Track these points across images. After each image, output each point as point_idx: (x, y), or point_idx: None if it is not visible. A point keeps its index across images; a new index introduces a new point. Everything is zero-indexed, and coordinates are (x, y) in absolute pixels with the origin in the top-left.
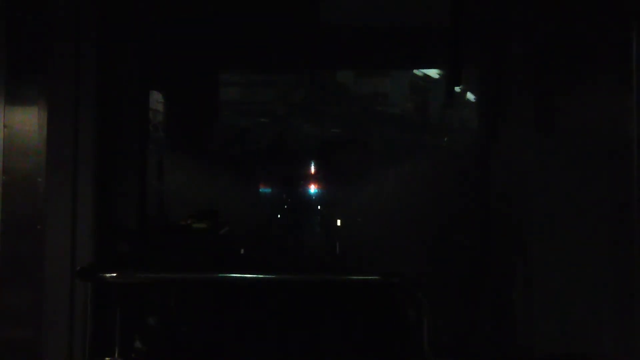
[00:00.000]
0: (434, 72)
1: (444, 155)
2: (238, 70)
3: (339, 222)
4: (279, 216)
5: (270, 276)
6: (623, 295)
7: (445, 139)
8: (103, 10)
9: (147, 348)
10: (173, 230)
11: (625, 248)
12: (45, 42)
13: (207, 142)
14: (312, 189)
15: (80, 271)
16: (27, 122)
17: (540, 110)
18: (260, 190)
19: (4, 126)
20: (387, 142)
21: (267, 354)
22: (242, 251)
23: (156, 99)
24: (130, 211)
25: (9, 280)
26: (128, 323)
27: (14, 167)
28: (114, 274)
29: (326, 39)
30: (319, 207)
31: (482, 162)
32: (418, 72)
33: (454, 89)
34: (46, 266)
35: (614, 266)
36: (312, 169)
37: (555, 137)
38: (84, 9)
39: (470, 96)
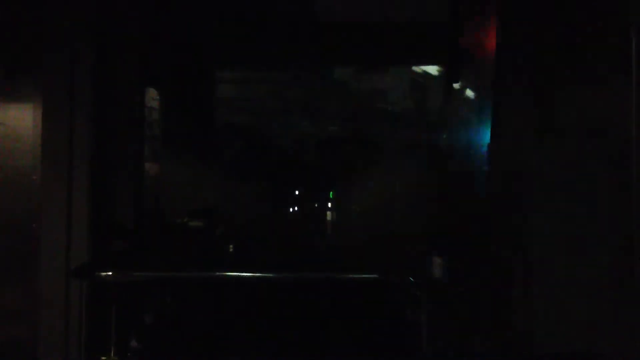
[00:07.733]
0: (433, 69)
1: (443, 153)
2: (235, 68)
3: (335, 220)
4: (275, 214)
5: (267, 275)
6: (623, 295)
7: (445, 136)
8: (99, 7)
9: (143, 347)
10: (169, 228)
11: (625, 247)
12: (40, 39)
13: (203, 140)
14: (310, 187)
15: (75, 270)
16: (22, 119)
17: (540, 109)
18: (257, 188)
19: None
20: (385, 140)
21: (264, 352)
22: (240, 249)
23: (152, 97)
24: (126, 209)
25: (3, 278)
26: (124, 322)
27: (8, 164)
28: (110, 273)
29: (324, 35)
30: (316, 205)
31: (481, 160)
32: (417, 69)
33: (452, 85)
34: (41, 264)
35: (614, 265)
36: (310, 168)
37: (555, 136)
38: (80, 6)
39: (469, 93)
